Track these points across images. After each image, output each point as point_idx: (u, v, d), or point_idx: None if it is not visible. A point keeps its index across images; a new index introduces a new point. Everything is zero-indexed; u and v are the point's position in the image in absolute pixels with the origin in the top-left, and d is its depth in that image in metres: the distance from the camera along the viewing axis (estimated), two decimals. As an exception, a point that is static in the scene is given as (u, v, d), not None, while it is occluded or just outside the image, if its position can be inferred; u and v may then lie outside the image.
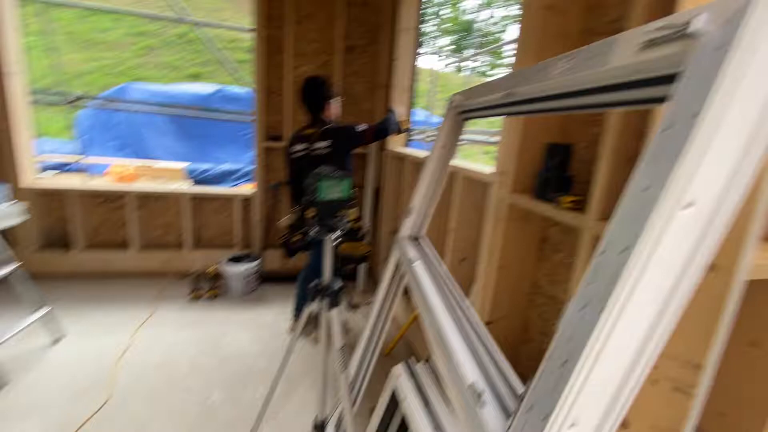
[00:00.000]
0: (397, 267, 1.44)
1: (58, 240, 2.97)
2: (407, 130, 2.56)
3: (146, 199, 3.10)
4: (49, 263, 2.89)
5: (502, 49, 17.00)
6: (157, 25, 13.30)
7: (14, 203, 1.91)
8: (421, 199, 1.39)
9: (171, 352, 2.18)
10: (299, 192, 2.30)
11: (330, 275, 1.09)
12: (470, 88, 1.16)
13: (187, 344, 2.26)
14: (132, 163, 6.51)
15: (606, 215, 0.97)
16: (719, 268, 0.53)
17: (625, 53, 0.49)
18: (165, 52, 12.90)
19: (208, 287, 2.87)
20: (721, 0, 0.37)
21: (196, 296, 2.79)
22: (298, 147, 2.19)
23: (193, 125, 7.42)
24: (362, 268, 3.19)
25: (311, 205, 0.94)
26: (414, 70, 2.96)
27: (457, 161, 1.89)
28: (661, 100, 0.48)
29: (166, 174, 6.63)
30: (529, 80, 0.76)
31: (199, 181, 6.28)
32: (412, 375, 1.46)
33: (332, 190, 0.95)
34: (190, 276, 2.93)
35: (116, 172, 5.79)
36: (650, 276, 0.39)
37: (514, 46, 1.34)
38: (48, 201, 2.92)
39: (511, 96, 0.86)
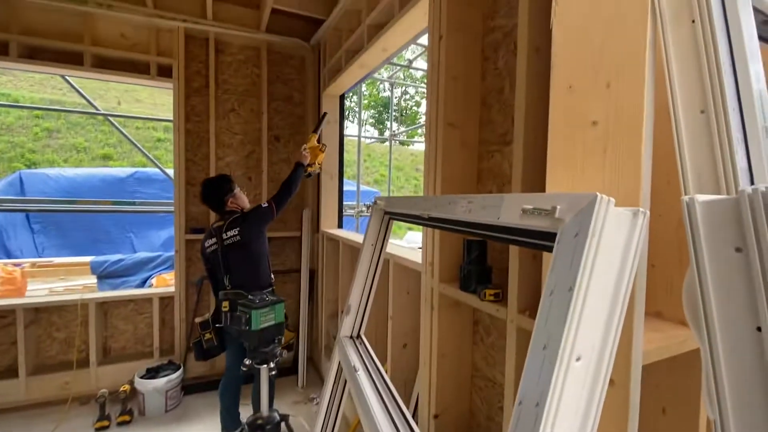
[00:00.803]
0: (340, 369, 1.40)
1: None
2: (310, 172, 2.55)
3: (40, 312, 2.67)
4: None
5: (417, 121, 18.80)
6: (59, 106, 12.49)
7: None
8: (358, 297, 1.41)
9: None
10: (215, 285, 2.25)
11: (267, 408, 1.02)
12: (392, 198, 1.27)
13: (90, 495, 1.85)
14: (22, 263, 5.64)
15: (522, 308, 1.08)
16: (616, 383, 0.62)
17: (510, 213, 0.59)
18: (69, 133, 11.97)
19: (118, 411, 2.45)
20: (571, 196, 0.48)
21: (102, 425, 2.35)
22: (211, 241, 2.20)
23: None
24: (302, 361, 3.00)
25: (244, 336, 0.90)
26: (341, 157, 3.14)
27: (390, 248, 1.97)
28: (546, 248, 0.58)
29: (67, 270, 5.84)
30: (440, 208, 0.87)
31: (107, 276, 5.60)
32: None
33: (266, 318, 0.92)
34: (96, 400, 2.49)
35: (1, 276, 4.93)
36: (561, 420, 0.45)
37: (425, 144, 1.52)
38: None
39: (427, 215, 0.96)
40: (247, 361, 0.96)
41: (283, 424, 1.03)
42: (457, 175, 1.42)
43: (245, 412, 2.06)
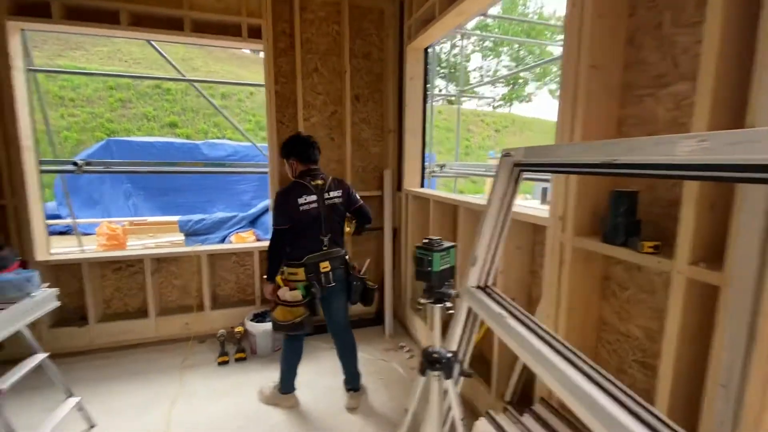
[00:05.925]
0: (469, 315, 1.45)
1: (72, 314, 2.81)
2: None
3: (161, 261, 3.01)
4: (63, 341, 2.71)
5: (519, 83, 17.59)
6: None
7: (46, 287, 1.82)
8: (485, 248, 1.42)
9: (217, 427, 2.06)
10: (299, 243, 2.07)
11: (439, 343, 1.09)
12: (534, 147, 1.22)
13: (230, 415, 2.14)
14: (121, 222, 6.32)
15: (695, 260, 1.03)
16: None
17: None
18: (139, 103, 12.79)
19: (234, 349, 2.76)
20: None
21: (223, 360, 2.67)
22: (309, 198, 2.04)
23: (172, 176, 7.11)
24: (388, 313, 3.16)
25: (423, 277, 0.95)
26: (424, 115, 3.09)
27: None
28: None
29: (158, 228, 6.46)
30: (640, 150, 0.82)
31: (192, 233, 6.13)
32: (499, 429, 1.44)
33: (444, 260, 0.97)
34: (214, 338, 2.82)
35: (106, 233, 5.58)
36: None
37: (557, 91, 1.44)
38: (61, 274, 2.79)
39: (611, 161, 0.92)
40: (423, 300, 1.02)
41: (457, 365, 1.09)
42: (602, 121, 1.34)
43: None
